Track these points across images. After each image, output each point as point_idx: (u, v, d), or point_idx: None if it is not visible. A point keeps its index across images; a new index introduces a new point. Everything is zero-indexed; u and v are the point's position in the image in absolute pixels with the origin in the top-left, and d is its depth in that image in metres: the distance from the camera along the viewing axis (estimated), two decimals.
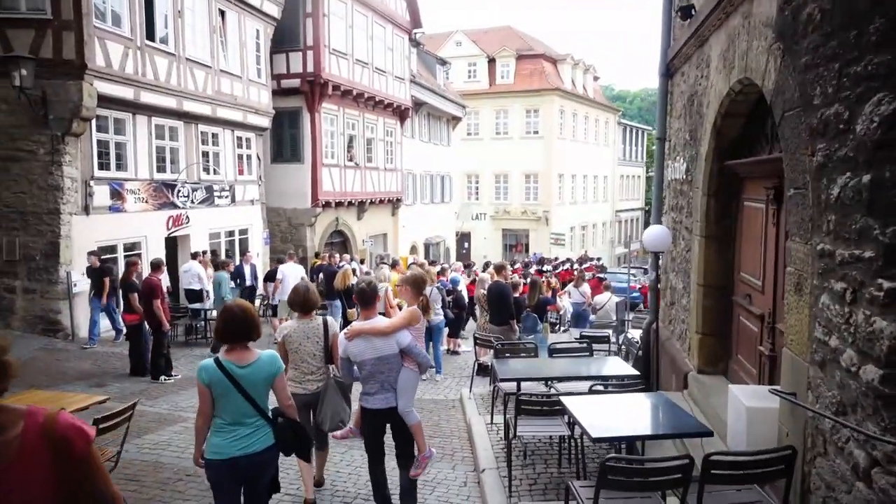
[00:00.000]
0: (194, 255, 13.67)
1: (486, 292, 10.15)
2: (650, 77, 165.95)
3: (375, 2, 21.37)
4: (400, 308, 10.40)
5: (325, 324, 4.82)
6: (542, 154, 38.80)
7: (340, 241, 21.19)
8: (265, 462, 3.49)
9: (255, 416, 3.46)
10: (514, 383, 5.68)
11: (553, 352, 6.53)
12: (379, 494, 4.47)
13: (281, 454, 3.64)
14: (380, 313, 4.73)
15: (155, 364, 8.88)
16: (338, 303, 12.29)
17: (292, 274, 12.64)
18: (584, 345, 6.82)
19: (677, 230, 7.18)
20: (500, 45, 40.08)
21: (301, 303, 4.80)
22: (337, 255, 13.22)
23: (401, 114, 24.01)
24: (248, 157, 17.02)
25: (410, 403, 4.43)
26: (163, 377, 8.85)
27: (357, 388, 4.63)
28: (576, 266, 24.57)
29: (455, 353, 12.32)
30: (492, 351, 8.63)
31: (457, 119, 32.02)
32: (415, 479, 4.47)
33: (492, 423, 6.53)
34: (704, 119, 5.87)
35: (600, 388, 4.94)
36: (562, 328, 11.08)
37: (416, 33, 25.35)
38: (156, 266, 8.87)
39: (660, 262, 7.79)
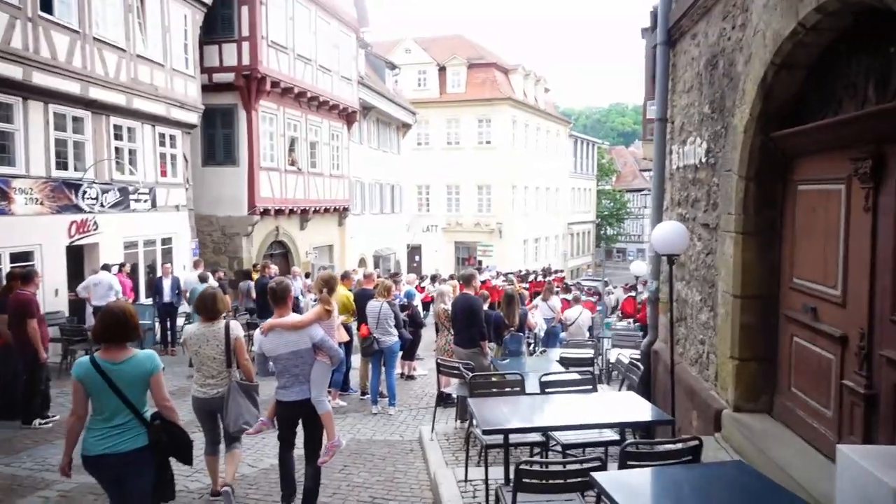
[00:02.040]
0: (105, 267, 11.66)
1: (447, 307, 8.60)
2: (594, 95, 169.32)
3: None
4: (346, 327, 8.67)
5: (227, 328, 4.77)
6: (494, 165, 37.72)
7: (281, 253, 19.29)
8: (134, 462, 3.45)
9: (128, 415, 3.46)
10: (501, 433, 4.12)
11: (546, 385, 5.01)
12: (286, 479, 4.71)
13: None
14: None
15: (28, 403, 6.93)
16: None
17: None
18: (587, 376, 5.33)
19: (689, 229, 5.80)
20: (450, 53, 38.97)
21: (205, 308, 4.79)
22: (272, 267, 11.46)
23: (347, 117, 22.36)
24: (173, 156, 15.05)
25: (322, 393, 4.71)
26: (37, 421, 6.91)
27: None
28: (540, 277, 23.33)
29: (410, 377, 10.70)
30: (456, 380, 7.08)
31: (407, 126, 30.56)
32: (321, 466, 4.71)
33: (466, 480, 4.94)
34: (741, 80, 4.52)
35: (634, 447, 3.41)
36: (538, 349, 9.62)
37: (363, 32, 23.82)
38: (26, 278, 6.91)
39: (661, 268, 6.43)
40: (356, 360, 9.56)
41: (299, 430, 4.71)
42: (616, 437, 4.43)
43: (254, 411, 4.74)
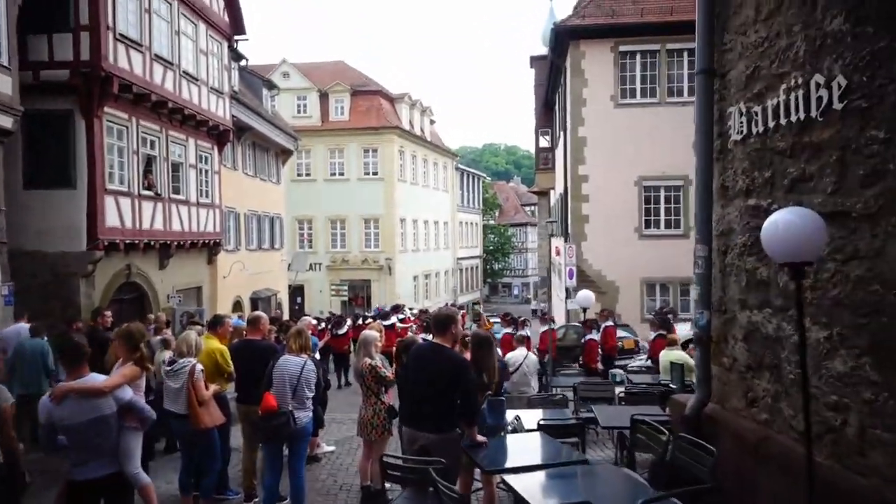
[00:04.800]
0: None
1: (376, 363, 5.96)
2: (467, 136, 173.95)
3: None
4: (220, 400, 5.87)
5: None
6: (381, 197, 35.58)
7: (134, 298, 15.56)
8: None
9: None
10: None
11: None
12: None
13: None
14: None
15: None
16: None
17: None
18: None
19: None
20: (332, 80, 36.65)
21: None
22: (108, 314, 8.26)
23: (219, 136, 19.11)
24: None
25: (137, 464, 4.38)
26: None
27: None
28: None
29: (314, 458, 7.83)
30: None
31: (288, 153, 27.62)
32: None
33: None
34: None
35: None
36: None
37: (237, 41, 20.85)
38: None
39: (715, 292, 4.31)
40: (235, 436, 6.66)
41: None
42: None
43: None
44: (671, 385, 7.23)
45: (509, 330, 13.81)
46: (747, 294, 4.15)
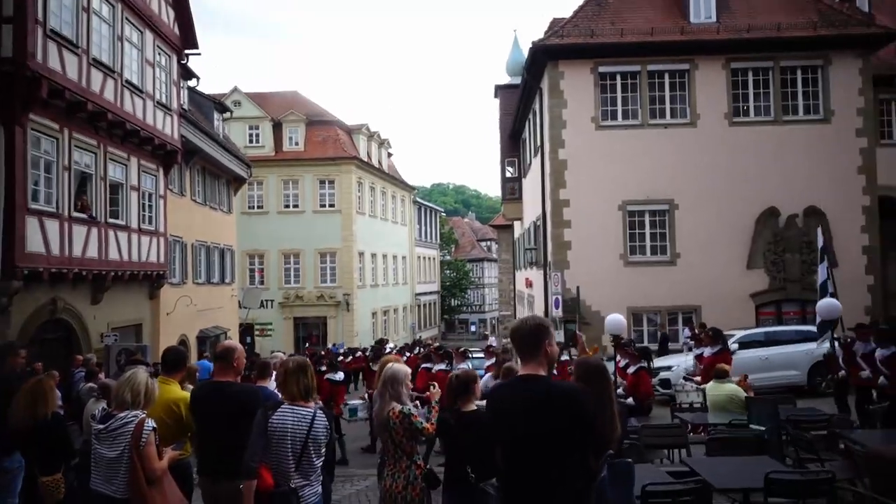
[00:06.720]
0: None
1: (410, 410, 4.25)
2: (415, 176, 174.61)
3: None
4: (180, 469, 4.01)
5: None
6: (339, 230, 33.80)
7: (61, 337, 13.27)
8: None
9: None
10: None
11: None
12: None
13: None
14: None
15: None
16: (17, 459, 5.28)
17: None
18: None
19: None
20: (285, 109, 35.00)
21: None
22: (22, 352, 6.25)
23: (165, 157, 17.14)
24: None
25: None
26: None
27: None
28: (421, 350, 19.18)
29: None
30: None
31: (240, 181, 25.70)
32: None
33: None
34: None
35: None
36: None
37: (187, 55, 19.03)
38: None
39: None
40: None
41: None
42: None
43: None
44: (755, 427, 5.82)
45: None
46: None
